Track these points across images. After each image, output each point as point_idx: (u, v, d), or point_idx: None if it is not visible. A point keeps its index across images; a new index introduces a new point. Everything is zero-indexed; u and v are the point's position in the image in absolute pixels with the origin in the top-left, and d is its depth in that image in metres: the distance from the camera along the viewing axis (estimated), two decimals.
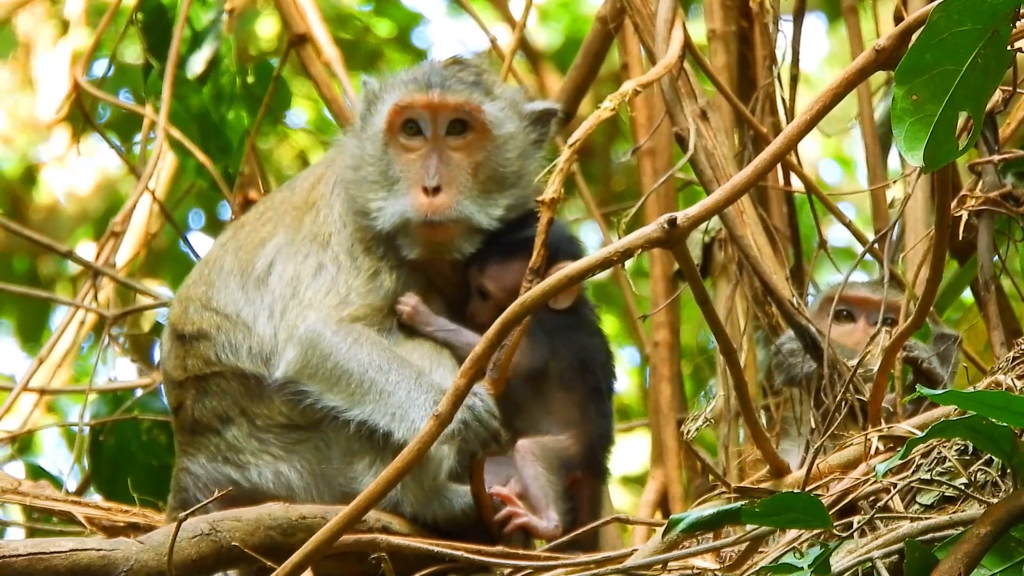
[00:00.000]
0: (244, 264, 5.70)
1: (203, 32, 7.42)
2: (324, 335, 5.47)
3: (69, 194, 11.42)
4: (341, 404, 5.44)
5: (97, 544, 4.83)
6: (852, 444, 4.87)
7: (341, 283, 5.57)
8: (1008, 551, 4.13)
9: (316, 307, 5.54)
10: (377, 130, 5.62)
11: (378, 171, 5.60)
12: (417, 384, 5.39)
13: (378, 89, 5.69)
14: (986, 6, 4.10)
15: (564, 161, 5.24)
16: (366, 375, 5.41)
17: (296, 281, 5.61)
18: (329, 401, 5.46)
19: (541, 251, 5.22)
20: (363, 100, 5.73)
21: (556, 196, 5.21)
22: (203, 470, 5.61)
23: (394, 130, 5.60)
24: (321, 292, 5.58)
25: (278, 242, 5.69)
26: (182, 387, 5.67)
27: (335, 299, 5.55)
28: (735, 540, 4.53)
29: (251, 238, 5.76)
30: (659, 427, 6.99)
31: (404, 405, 5.36)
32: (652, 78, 5.59)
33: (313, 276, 5.61)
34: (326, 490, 5.51)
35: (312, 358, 5.47)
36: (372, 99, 5.69)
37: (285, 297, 5.60)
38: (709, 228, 6.69)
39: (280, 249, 5.68)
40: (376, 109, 5.66)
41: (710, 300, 4.72)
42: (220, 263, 5.76)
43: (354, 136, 5.73)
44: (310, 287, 5.59)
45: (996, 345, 5.39)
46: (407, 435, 5.31)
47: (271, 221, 5.77)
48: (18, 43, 11.25)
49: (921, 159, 4.18)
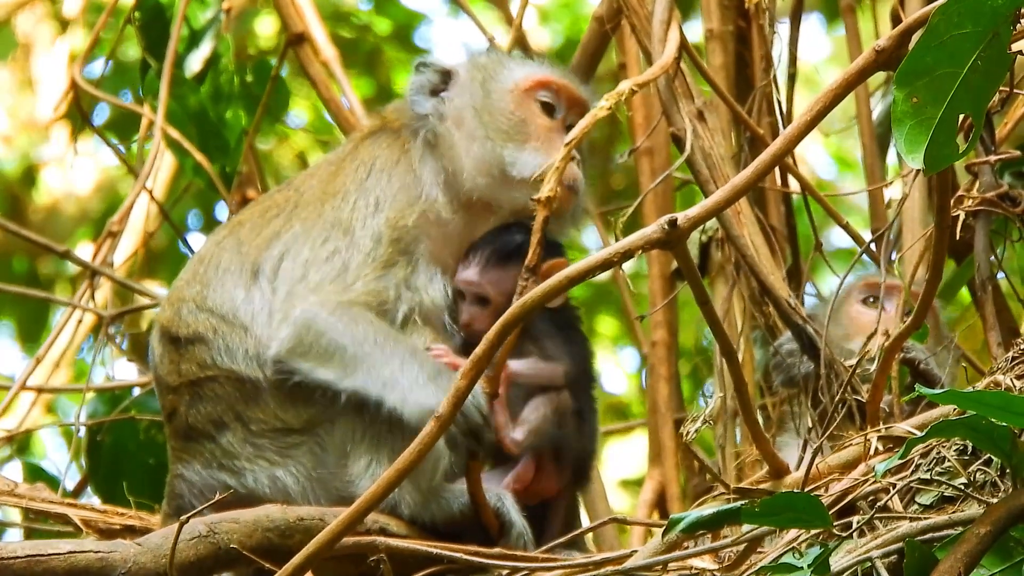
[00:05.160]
0: (246, 261, 5.68)
1: (201, 31, 7.41)
2: (320, 315, 5.47)
3: (68, 194, 11.42)
4: (332, 377, 5.44)
5: (95, 546, 4.82)
6: (851, 444, 4.87)
7: (352, 268, 5.58)
8: (1007, 551, 4.13)
9: (319, 290, 5.55)
10: (508, 94, 5.75)
11: (511, 124, 5.71)
12: (412, 355, 5.39)
13: (493, 58, 5.89)
14: (986, 8, 4.10)
15: (560, 160, 5.25)
16: (360, 348, 5.42)
17: (308, 264, 5.62)
18: (320, 375, 5.44)
19: (537, 250, 5.22)
20: (473, 70, 5.83)
21: (552, 194, 5.21)
22: (198, 476, 5.60)
23: (530, 97, 5.74)
24: (329, 276, 5.58)
25: (294, 233, 5.69)
26: (176, 392, 5.64)
27: (340, 284, 5.56)
28: (734, 540, 4.53)
29: (256, 234, 5.73)
30: (657, 427, 6.99)
31: (396, 374, 5.36)
32: (648, 78, 5.59)
33: (326, 260, 5.61)
34: (323, 494, 5.50)
35: (307, 336, 5.46)
36: (486, 66, 5.82)
37: (294, 280, 5.59)
38: (706, 228, 6.69)
39: (297, 238, 5.67)
40: (494, 74, 5.80)
41: (710, 300, 4.73)
42: (217, 260, 5.73)
43: (448, 104, 5.78)
44: (320, 270, 5.60)
45: (993, 345, 5.40)
46: (397, 403, 5.33)
47: (280, 217, 5.75)
48: (18, 43, 11.25)
49: (922, 161, 4.18)
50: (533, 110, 5.75)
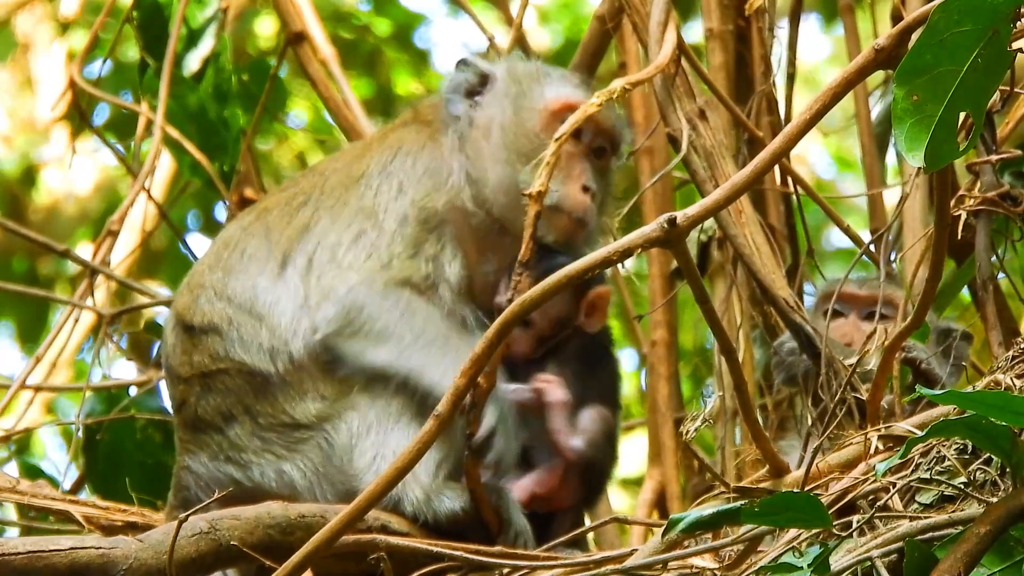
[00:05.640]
0: (277, 248, 5.64)
1: (200, 30, 7.41)
2: (370, 297, 5.47)
3: (68, 194, 11.42)
4: (388, 357, 5.43)
5: (96, 542, 4.81)
6: (851, 443, 4.87)
7: (383, 248, 5.57)
8: (1007, 550, 4.13)
9: (357, 270, 5.54)
10: (535, 114, 5.69)
11: (533, 148, 5.61)
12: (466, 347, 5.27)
13: (530, 71, 5.80)
14: (986, 6, 4.10)
15: (551, 154, 5.24)
16: (419, 339, 5.42)
17: (336, 247, 5.60)
18: (373, 358, 5.45)
19: (530, 244, 5.22)
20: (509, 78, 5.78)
21: (543, 189, 5.21)
22: (205, 469, 5.59)
23: (557, 119, 5.64)
24: (361, 256, 5.57)
25: (324, 226, 5.66)
26: (187, 383, 5.61)
27: (376, 263, 5.55)
28: (734, 540, 4.53)
29: (285, 223, 5.69)
30: (657, 426, 6.99)
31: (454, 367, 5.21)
32: (643, 77, 5.59)
33: (353, 241, 5.60)
34: (328, 489, 5.50)
35: (358, 317, 5.45)
36: (521, 78, 5.77)
37: (322, 263, 5.58)
38: (706, 227, 6.69)
39: (326, 232, 5.65)
40: (527, 89, 5.74)
41: (710, 299, 4.73)
42: (243, 246, 5.69)
43: (479, 109, 5.76)
44: (350, 251, 5.58)
45: (994, 345, 5.40)
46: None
47: (307, 206, 5.72)
48: (17, 44, 11.25)
49: (922, 160, 4.18)
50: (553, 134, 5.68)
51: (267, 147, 10.54)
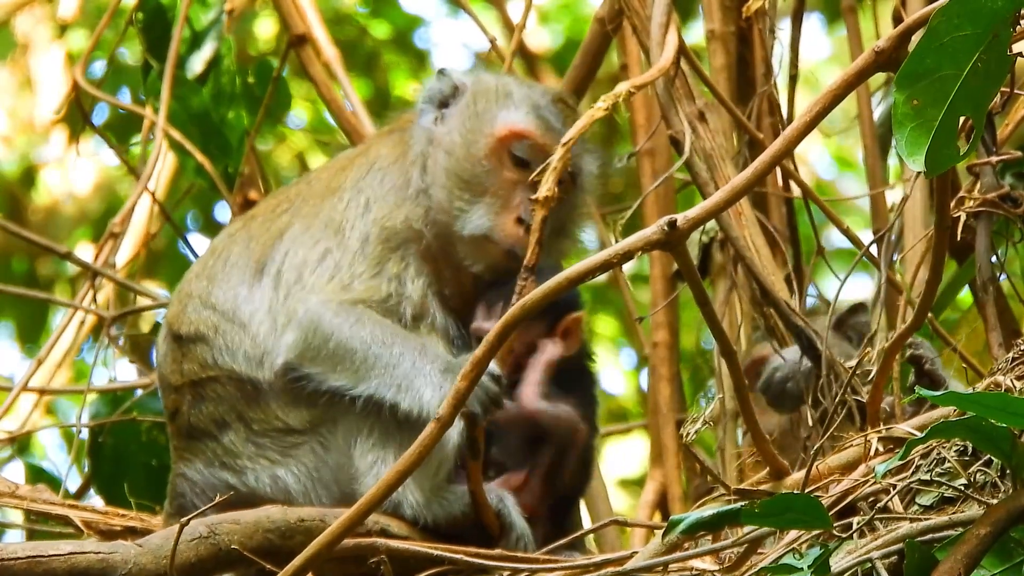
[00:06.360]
0: (254, 255, 5.67)
1: (203, 32, 7.41)
2: (325, 316, 5.45)
3: (68, 195, 11.41)
4: (346, 383, 5.41)
5: (96, 547, 4.82)
6: (852, 445, 4.87)
7: (345, 268, 5.56)
8: (1008, 552, 4.13)
9: (318, 291, 5.53)
10: (483, 138, 5.63)
11: (472, 175, 5.59)
12: (422, 354, 5.36)
13: (491, 90, 5.71)
14: (986, 10, 4.10)
15: (558, 160, 5.24)
16: (369, 351, 5.39)
17: (302, 267, 5.59)
18: (334, 382, 5.42)
19: (535, 249, 5.22)
20: (471, 96, 5.70)
21: (550, 194, 5.20)
22: (200, 475, 5.60)
23: (503, 146, 5.61)
24: (324, 277, 5.56)
25: (294, 233, 5.67)
26: (178, 392, 5.64)
27: (337, 284, 5.54)
28: (735, 541, 4.53)
29: (264, 229, 5.71)
30: (658, 428, 6.99)
31: (409, 375, 5.33)
32: (645, 80, 5.59)
33: (319, 261, 5.59)
34: (324, 493, 5.50)
35: (314, 340, 5.44)
36: (480, 96, 5.70)
37: (289, 283, 5.58)
38: (708, 229, 6.69)
39: (296, 239, 5.66)
40: (482, 111, 5.67)
41: (710, 301, 4.73)
42: (227, 254, 5.71)
43: (442, 123, 5.70)
44: (315, 272, 5.58)
45: (994, 346, 5.40)
46: (412, 405, 5.31)
47: (287, 212, 5.73)
48: (17, 44, 11.25)
49: (923, 164, 4.18)
50: (503, 161, 5.63)
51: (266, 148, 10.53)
